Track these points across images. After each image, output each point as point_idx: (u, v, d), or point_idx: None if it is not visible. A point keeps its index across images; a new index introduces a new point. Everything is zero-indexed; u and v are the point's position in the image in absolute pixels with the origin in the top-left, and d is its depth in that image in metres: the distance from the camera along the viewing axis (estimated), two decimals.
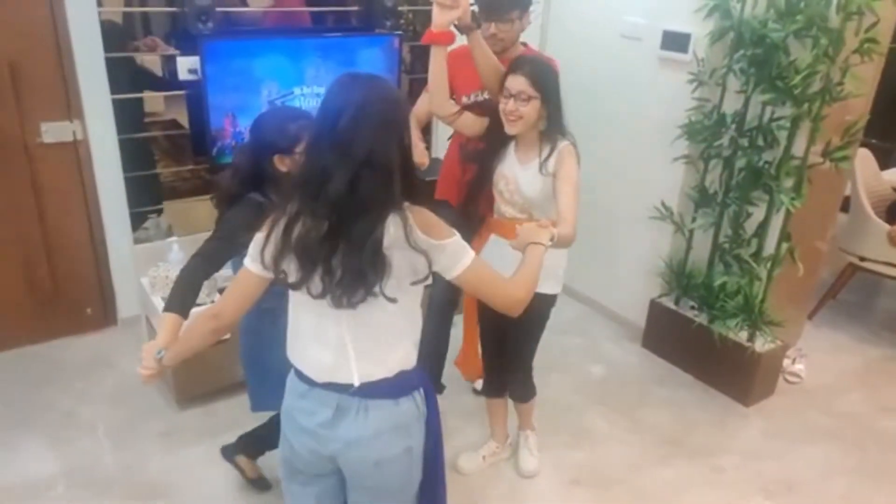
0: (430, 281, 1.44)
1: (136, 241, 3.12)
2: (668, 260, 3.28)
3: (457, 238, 1.42)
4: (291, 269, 1.39)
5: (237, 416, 2.71)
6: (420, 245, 1.35)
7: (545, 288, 2.12)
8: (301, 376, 1.50)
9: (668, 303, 3.32)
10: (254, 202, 1.79)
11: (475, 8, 2.18)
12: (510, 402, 2.60)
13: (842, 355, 3.52)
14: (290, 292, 1.45)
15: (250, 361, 2.08)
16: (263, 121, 1.88)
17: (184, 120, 3.07)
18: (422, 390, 1.54)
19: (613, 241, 3.56)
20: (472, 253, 1.44)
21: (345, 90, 1.35)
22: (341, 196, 1.29)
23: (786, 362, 3.22)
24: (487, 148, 2.21)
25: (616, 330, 3.59)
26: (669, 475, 2.64)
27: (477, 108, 2.31)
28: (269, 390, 1.86)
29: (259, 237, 1.40)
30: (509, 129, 2.07)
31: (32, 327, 3.09)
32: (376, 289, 1.34)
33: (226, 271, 1.95)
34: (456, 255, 1.41)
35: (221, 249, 1.76)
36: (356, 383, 1.44)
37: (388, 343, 1.47)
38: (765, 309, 2.92)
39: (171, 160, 3.60)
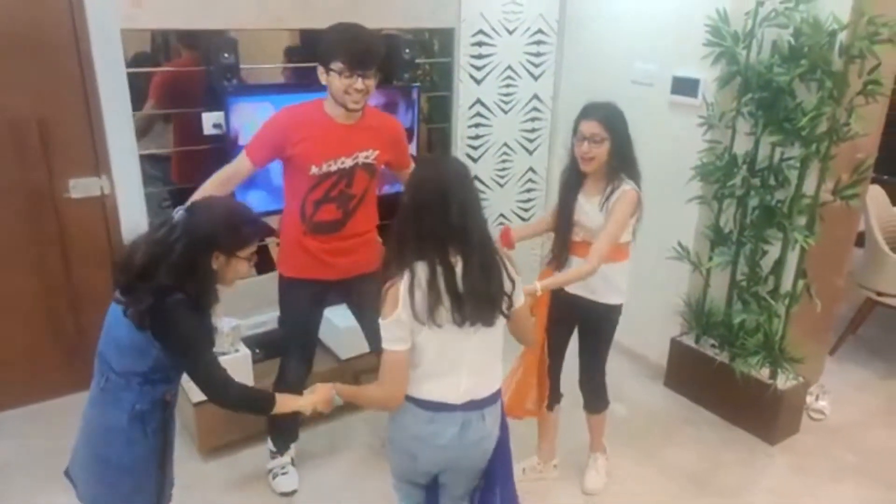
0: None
1: None
2: (686, 299, 3.30)
3: None
4: (441, 316, 1.63)
5: (261, 466, 2.72)
6: (513, 275, 1.71)
7: (612, 299, 2.42)
8: (426, 406, 1.73)
9: (689, 341, 3.33)
10: (186, 304, 1.62)
11: (339, 64, 2.15)
12: (578, 418, 2.71)
13: (865, 391, 3.50)
14: (426, 339, 1.67)
15: (99, 460, 1.79)
16: (213, 215, 1.68)
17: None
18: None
19: (632, 280, 3.56)
20: None
21: (433, 170, 1.75)
22: (475, 244, 1.63)
23: (809, 399, 3.21)
24: (562, 205, 2.38)
25: (638, 369, 3.59)
26: None
27: (336, 176, 2.29)
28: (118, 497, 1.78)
29: (401, 315, 1.61)
30: (584, 168, 2.25)
31: (58, 380, 3.11)
32: (504, 307, 1.70)
33: None
34: (521, 290, 1.76)
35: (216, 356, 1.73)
36: (487, 395, 1.77)
37: (498, 358, 1.81)
38: (785, 346, 2.93)
39: None
